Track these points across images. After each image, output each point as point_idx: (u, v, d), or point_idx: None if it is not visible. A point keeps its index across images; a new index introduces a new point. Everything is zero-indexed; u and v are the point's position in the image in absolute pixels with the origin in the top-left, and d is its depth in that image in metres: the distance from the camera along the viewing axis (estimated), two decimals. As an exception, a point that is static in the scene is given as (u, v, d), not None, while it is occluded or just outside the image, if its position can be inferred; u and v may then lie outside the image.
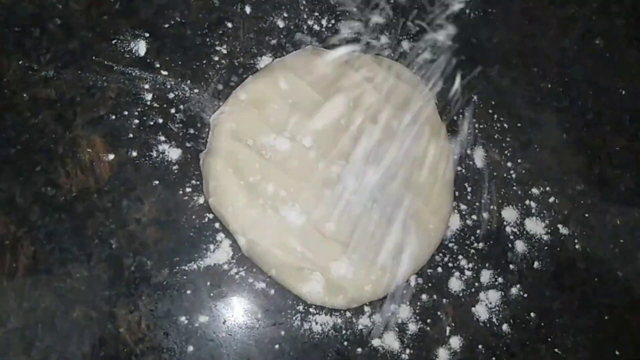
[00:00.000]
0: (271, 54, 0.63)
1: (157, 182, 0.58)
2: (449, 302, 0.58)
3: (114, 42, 0.61)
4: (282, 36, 0.64)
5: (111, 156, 0.58)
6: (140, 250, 0.56)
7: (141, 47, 0.61)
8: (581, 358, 0.59)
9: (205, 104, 0.61)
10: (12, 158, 0.57)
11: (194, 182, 0.58)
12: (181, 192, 0.58)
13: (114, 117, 0.59)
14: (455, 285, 0.59)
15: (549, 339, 0.59)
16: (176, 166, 0.58)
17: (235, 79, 0.61)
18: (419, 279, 0.58)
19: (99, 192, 0.57)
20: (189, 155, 0.59)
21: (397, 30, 0.65)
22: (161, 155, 0.58)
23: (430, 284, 0.58)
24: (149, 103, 0.60)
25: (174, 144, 0.59)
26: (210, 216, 0.57)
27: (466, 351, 0.57)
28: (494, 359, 0.58)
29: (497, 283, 0.59)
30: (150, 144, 0.59)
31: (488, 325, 0.58)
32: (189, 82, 0.61)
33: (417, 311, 0.57)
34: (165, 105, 0.60)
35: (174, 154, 0.59)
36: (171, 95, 0.60)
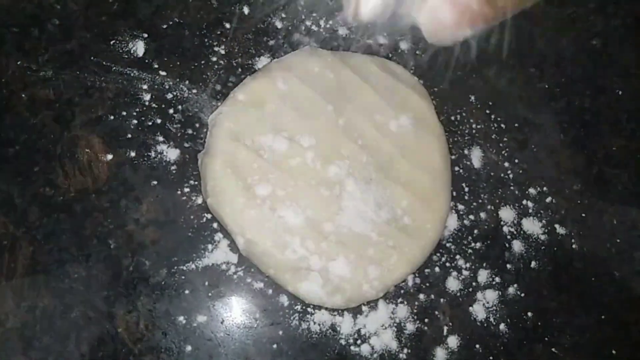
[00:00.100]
0: (269, 54, 0.63)
1: (155, 182, 0.58)
2: (447, 301, 0.58)
3: (112, 42, 0.61)
4: (280, 37, 0.64)
5: (109, 156, 0.58)
6: (138, 250, 0.56)
7: (139, 48, 0.61)
8: (578, 357, 0.59)
9: (204, 105, 0.61)
10: (10, 158, 0.57)
11: (192, 183, 0.58)
12: (179, 193, 0.58)
13: (112, 117, 0.59)
14: (453, 284, 0.59)
15: (546, 339, 0.59)
16: (174, 166, 0.58)
17: (233, 79, 0.62)
18: (417, 278, 0.58)
19: (97, 192, 0.57)
20: (187, 156, 0.59)
21: (395, 30, 0.65)
22: (159, 155, 0.59)
23: (427, 283, 0.59)
24: (147, 103, 0.60)
25: (172, 144, 0.59)
26: (208, 216, 0.57)
27: (463, 351, 0.57)
28: (491, 358, 0.58)
29: (494, 283, 0.60)
30: (148, 144, 0.59)
31: (485, 325, 0.58)
32: (187, 82, 0.61)
33: (415, 311, 0.57)
34: (163, 106, 0.60)
35: (172, 154, 0.59)
36: (169, 96, 0.60)
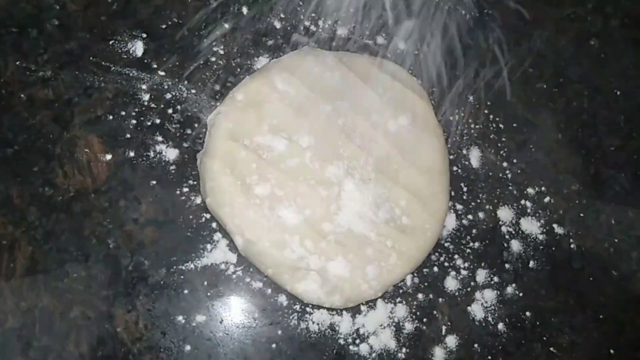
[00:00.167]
0: (268, 54, 0.63)
1: (154, 182, 0.58)
2: (445, 301, 0.58)
3: (111, 42, 0.61)
4: (279, 37, 0.64)
5: (109, 156, 0.58)
6: (137, 250, 0.56)
7: (138, 48, 0.61)
8: (576, 357, 0.59)
9: (203, 105, 0.61)
10: (9, 158, 0.57)
11: (191, 182, 0.58)
12: (178, 192, 0.58)
13: (111, 117, 0.59)
14: (451, 284, 0.59)
15: (544, 338, 0.59)
16: (173, 166, 0.58)
17: (232, 79, 0.62)
18: (415, 278, 0.59)
19: (96, 192, 0.57)
20: (186, 156, 0.59)
21: (393, 31, 0.65)
22: (158, 155, 0.59)
23: (426, 283, 0.59)
24: (146, 103, 0.60)
25: (171, 144, 0.59)
26: (207, 216, 0.57)
27: (462, 350, 0.57)
28: (489, 357, 0.58)
29: (492, 282, 0.60)
30: (147, 144, 0.59)
31: (484, 324, 0.58)
32: (186, 82, 0.61)
33: (413, 310, 0.58)
34: (162, 106, 0.60)
35: (171, 154, 0.59)
36: (168, 96, 0.60)
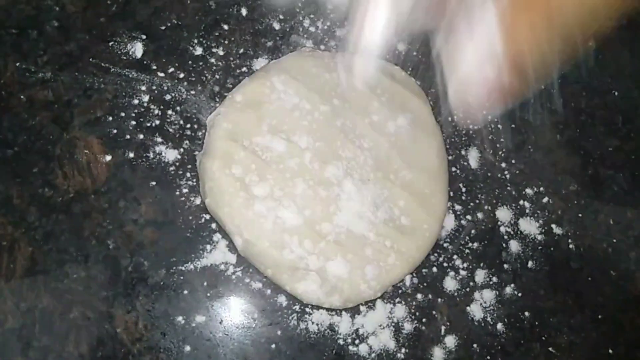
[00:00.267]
0: (267, 55, 0.63)
1: (154, 183, 0.58)
2: (444, 301, 0.59)
3: (110, 44, 0.61)
4: (278, 38, 0.64)
5: (108, 157, 0.58)
6: (137, 250, 0.56)
7: (138, 49, 0.61)
8: (575, 357, 0.59)
9: (202, 106, 0.61)
10: (9, 159, 0.57)
11: (191, 183, 0.58)
12: (178, 193, 0.58)
13: (111, 118, 0.59)
14: (450, 284, 0.59)
15: (543, 338, 0.59)
16: (173, 167, 0.59)
17: (231, 80, 0.62)
18: (414, 278, 0.59)
19: (96, 193, 0.57)
20: (185, 157, 0.59)
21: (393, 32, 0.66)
22: (158, 156, 0.59)
23: (425, 283, 0.59)
24: (145, 104, 0.60)
25: (171, 145, 0.59)
26: (206, 217, 0.57)
27: (461, 350, 0.58)
28: (488, 357, 0.58)
29: (491, 282, 0.60)
30: (147, 145, 0.59)
31: (483, 325, 0.59)
32: (185, 83, 0.61)
33: (413, 310, 0.58)
34: (161, 107, 0.60)
35: (171, 155, 0.59)
36: (168, 97, 0.60)
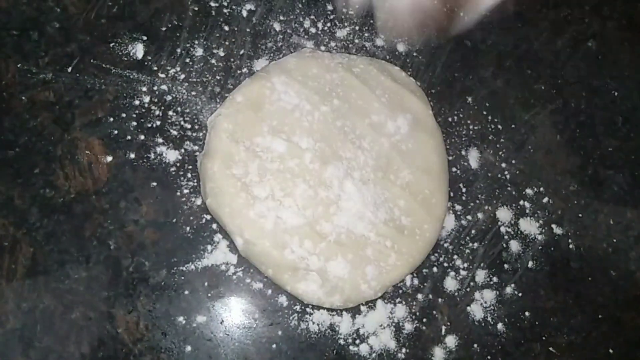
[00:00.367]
0: (268, 56, 0.63)
1: (154, 183, 0.58)
2: (445, 301, 0.59)
3: (111, 45, 0.61)
4: (279, 39, 0.64)
5: (109, 158, 0.58)
6: (138, 251, 0.56)
7: (139, 50, 0.62)
8: (575, 357, 0.59)
9: (203, 106, 0.61)
10: (10, 160, 0.57)
11: (192, 184, 0.58)
12: (179, 194, 0.58)
13: (112, 119, 0.59)
14: (451, 284, 0.59)
15: (543, 338, 0.59)
16: (174, 168, 0.59)
17: (232, 81, 0.62)
18: (415, 278, 0.59)
19: (97, 193, 0.57)
20: (186, 157, 0.59)
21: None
22: (159, 157, 0.59)
23: (425, 283, 0.59)
24: (146, 105, 0.60)
25: (172, 145, 0.59)
26: (207, 217, 0.58)
27: (461, 350, 0.58)
28: (489, 357, 0.58)
29: (492, 282, 0.60)
30: (147, 145, 0.59)
31: (483, 325, 0.59)
32: (186, 84, 0.61)
33: (413, 310, 0.58)
34: (162, 108, 0.60)
35: (172, 155, 0.59)
36: (168, 98, 0.61)
